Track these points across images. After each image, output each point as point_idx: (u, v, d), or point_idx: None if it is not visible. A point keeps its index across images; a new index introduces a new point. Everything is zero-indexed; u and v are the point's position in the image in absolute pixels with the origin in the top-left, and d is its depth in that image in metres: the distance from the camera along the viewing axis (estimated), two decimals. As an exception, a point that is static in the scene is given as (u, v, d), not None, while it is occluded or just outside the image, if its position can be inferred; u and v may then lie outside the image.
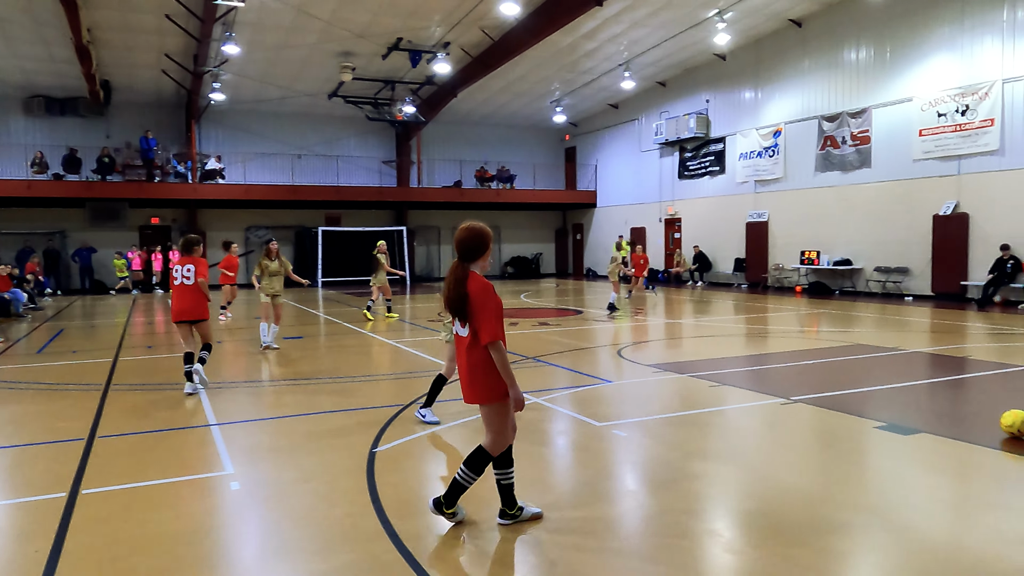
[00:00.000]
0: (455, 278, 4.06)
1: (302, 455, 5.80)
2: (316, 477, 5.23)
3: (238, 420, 7.00)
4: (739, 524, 4.40)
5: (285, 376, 9.57)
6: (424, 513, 4.59)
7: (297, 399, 8.01)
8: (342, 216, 31.35)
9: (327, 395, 8.11)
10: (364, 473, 5.25)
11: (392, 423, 6.70)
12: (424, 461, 5.76)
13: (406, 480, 5.25)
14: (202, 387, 8.40)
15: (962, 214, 18.38)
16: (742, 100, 25.11)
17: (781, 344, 11.83)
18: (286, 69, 25.21)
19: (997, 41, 17.49)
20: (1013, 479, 5.17)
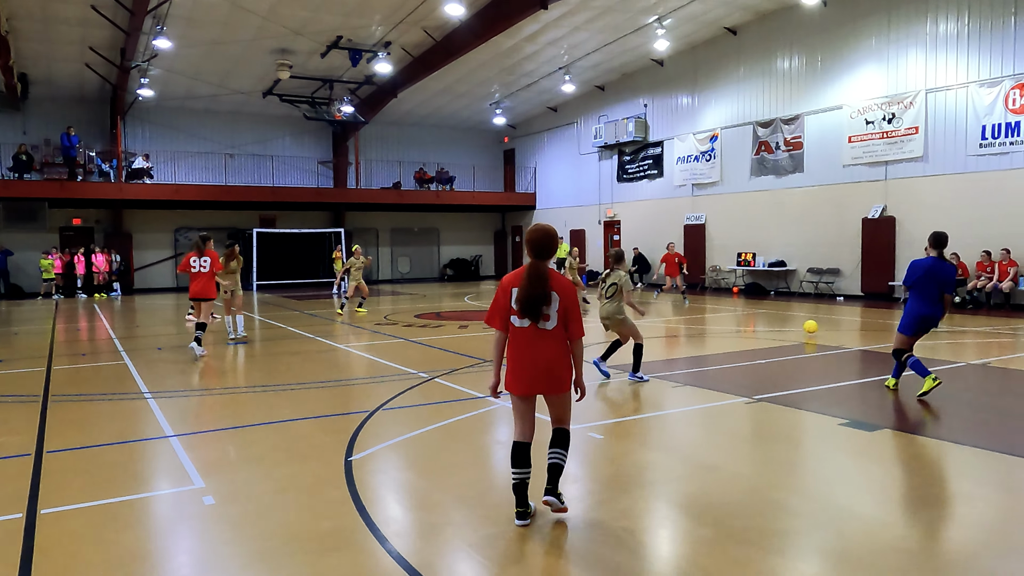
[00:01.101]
0: (538, 275, 4.16)
1: (273, 466, 5.58)
2: (293, 488, 5.03)
3: (197, 431, 6.69)
4: (714, 526, 4.43)
5: (238, 384, 9.22)
6: (414, 521, 4.47)
7: (255, 408, 7.73)
8: (277, 217, 30.55)
9: (286, 403, 7.85)
10: (344, 483, 5.08)
11: (362, 430, 6.52)
12: (402, 468, 5.62)
13: (389, 488, 5.11)
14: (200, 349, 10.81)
15: (889, 217, 19.23)
16: (679, 105, 25.65)
17: (732, 344, 12.10)
18: (220, 65, 24.40)
19: (921, 53, 18.38)
20: (967, 470, 5.39)
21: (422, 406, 7.60)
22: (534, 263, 4.25)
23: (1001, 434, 6.34)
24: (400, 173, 32.55)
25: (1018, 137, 16.54)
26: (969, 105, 17.44)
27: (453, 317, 16.71)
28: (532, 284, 4.16)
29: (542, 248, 4.26)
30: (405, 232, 34.08)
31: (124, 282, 26.91)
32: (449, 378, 9.02)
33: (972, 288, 16.96)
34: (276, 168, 30.18)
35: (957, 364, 9.67)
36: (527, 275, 4.19)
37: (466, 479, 5.27)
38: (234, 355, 11.49)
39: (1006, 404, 7.53)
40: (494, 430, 6.72)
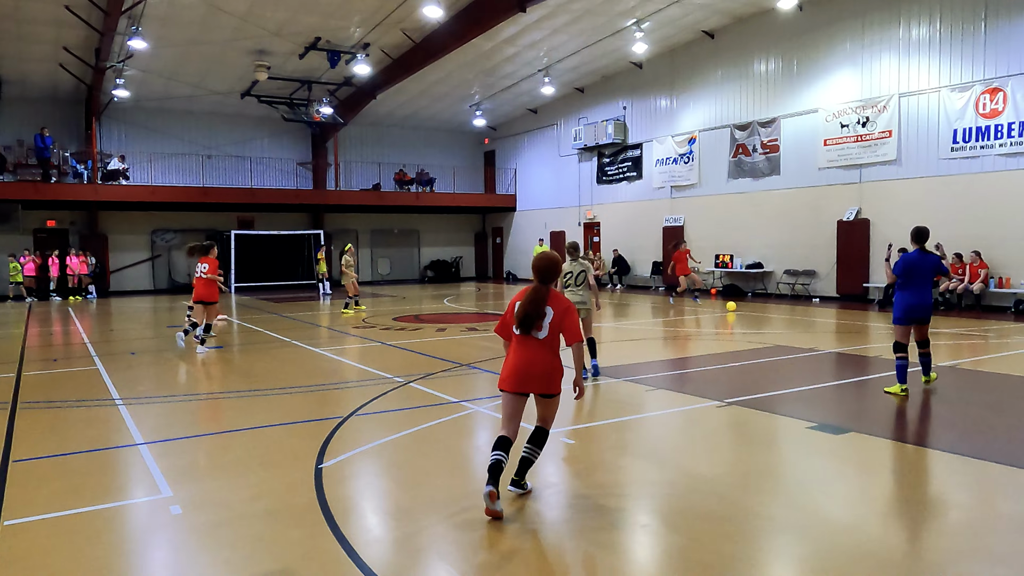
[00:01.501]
0: (538, 296, 4.84)
1: (244, 474, 5.56)
2: (263, 497, 5.01)
3: (168, 438, 6.64)
4: (684, 530, 4.48)
5: (212, 389, 9.16)
6: (383, 529, 4.47)
7: (229, 414, 7.68)
8: (255, 219, 30.35)
9: (259, 408, 7.81)
10: (314, 490, 5.07)
11: (335, 436, 6.51)
12: (374, 475, 5.61)
13: (359, 496, 5.10)
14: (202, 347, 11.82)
15: (864, 220, 19.47)
16: (658, 108, 25.80)
17: (706, 346, 12.20)
18: (197, 66, 24.20)
19: (894, 57, 18.63)
20: (934, 473, 5.48)
21: (396, 411, 7.60)
22: (536, 286, 4.89)
23: (968, 438, 6.45)
24: (380, 174, 32.46)
25: (988, 141, 16.82)
26: (941, 109, 17.70)
27: (432, 320, 16.69)
28: (529, 303, 4.82)
29: (545, 274, 4.90)
30: (385, 234, 33.98)
31: (100, 285, 26.60)
32: (425, 382, 9.02)
33: (944, 290, 17.21)
34: (254, 169, 29.98)
35: (926, 366, 9.80)
36: (528, 295, 4.86)
37: (438, 486, 5.28)
38: (208, 360, 11.41)
39: (974, 407, 7.65)
40: (468, 436, 6.73)
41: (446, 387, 8.70)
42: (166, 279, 29.12)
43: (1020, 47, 16.28)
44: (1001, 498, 4.97)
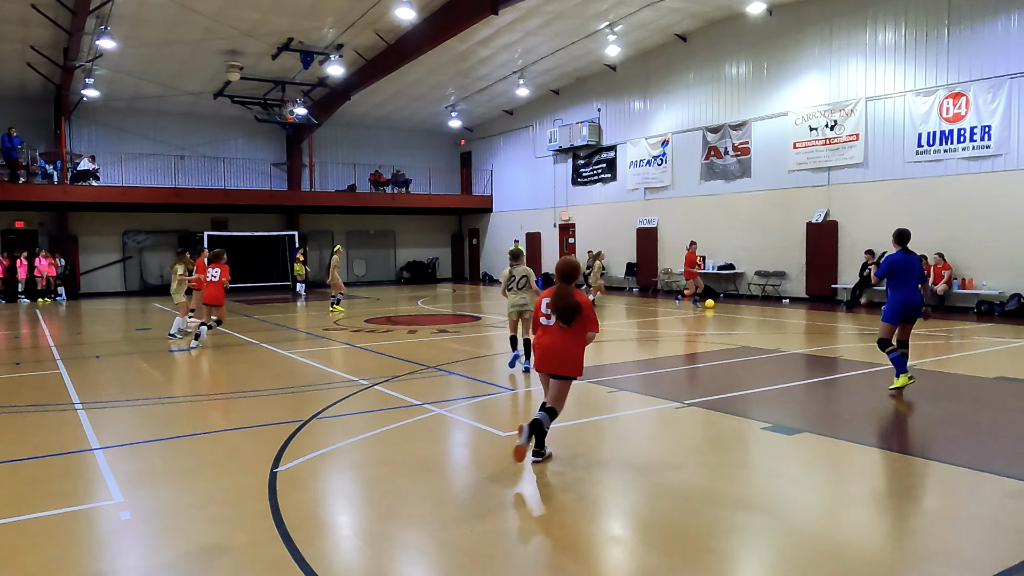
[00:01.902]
0: (566, 293, 5.80)
1: (197, 479, 5.55)
2: (214, 502, 5.02)
3: (124, 443, 6.61)
4: (639, 529, 4.56)
5: (174, 393, 9.11)
6: (331, 535, 4.50)
7: (189, 418, 7.65)
8: (229, 220, 30.12)
9: (220, 412, 7.79)
10: (266, 495, 5.08)
11: (292, 440, 6.51)
12: (328, 479, 5.63)
13: (310, 500, 5.12)
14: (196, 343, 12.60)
15: (832, 222, 19.74)
16: (632, 110, 25.97)
17: (673, 348, 12.32)
18: (168, 66, 23.99)
19: (861, 62, 18.91)
20: (885, 474, 5.60)
21: (358, 414, 7.61)
22: (561, 285, 5.88)
23: (921, 438, 6.59)
24: (355, 175, 32.34)
25: (951, 145, 17.14)
26: (906, 113, 18.00)
27: (404, 322, 16.69)
28: (559, 299, 5.80)
29: (568, 275, 5.94)
30: (361, 235, 33.86)
31: (70, 287, 26.28)
32: (389, 385, 9.03)
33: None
34: (228, 170, 29.75)
35: (884, 367, 9.98)
36: (556, 293, 5.85)
37: (393, 489, 5.31)
38: (174, 363, 11.33)
39: (932, 408, 7.81)
40: (428, 438, 6.76)
41: (411, 390, 8.73)
42: (138, 281, 28.81)
43: (982, 53, 16.61)
44: (952, 498, 5.09)
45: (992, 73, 16.41)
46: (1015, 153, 16.15)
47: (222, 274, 12.99)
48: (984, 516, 4.70)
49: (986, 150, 16.56)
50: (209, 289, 12.96)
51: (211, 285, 12.96)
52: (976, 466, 5.62)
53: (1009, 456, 5.96)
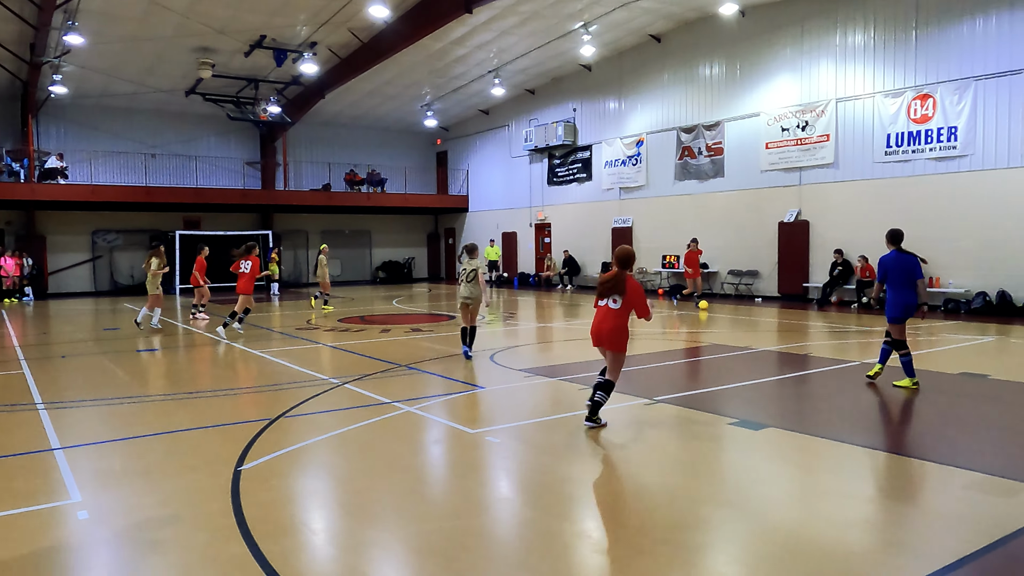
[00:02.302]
0: (620, 278, 6.63)
1: (160, 478, 5.47)
2: (175, 501, 4.95)
3: (86, 442, 6.50)
4: (607, 524, 4.57)
5: (140, 392, 8.97)
6: (294, 533, 4.45)
7: (153, 417, 7.54)
8: (202, 219, 29.77)
9: (186, 411, 7.69)
10: (228, 494, 5.02)
11: (258, 439, 6.44)
12: (292, 478, 5.58)
13: (273, 499, 5.06)
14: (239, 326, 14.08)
15: (803, 221, 19.97)
16: (607, 110, 26.08)
17: (645, 345, 12.37)
18: (138, 63, 23.66)
19: (832, 63, 19.15)
20: (850, 468, 5.67)
21: (326, 413, 7.55)
22: (619, 270, 6.71)
23: (879, 431, 6.68)
24: (330, 175, 32.14)
25: (919, 145, 17.41)
26: (875, 114, 18.26)
27: (377, 321, 16.60)
28: (612, 280, 6.64)
29: (625, 261, 6.76)
30: (336, 234, 33.58)
31: (37, 287, 25.82)
32: (360, 384, 8.98)
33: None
34: (200, 169, 29.43)
35: (850, 363, 10.12)
36: (613, 277, 6.67)
37: (359, 487, 5.28)
38: (142, 362, 11.17)
39: (895, 403, 7.92)
40: (396, 437, 6.72)
41: (381, 388, 8.68)
42: (108, 281, 28.38)
43: (948, 56, 16.89)
44: (915, 490, 5.16)
45: (958, 75, 16.70)
46: (980, 154, 16.45)
47: (253, 267, 14.10)
48: (946, 507, 4.77)
49: (952, 151, 16.84)
50: (241, 281, 14.08)
51: (243, 276, 14.10)
52: (939, 459, 5.71)
53: (970, 449, 6.05)
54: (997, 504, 4.71)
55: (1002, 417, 7.11)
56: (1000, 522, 4.38)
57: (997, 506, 4.68)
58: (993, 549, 4.02)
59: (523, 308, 20.21)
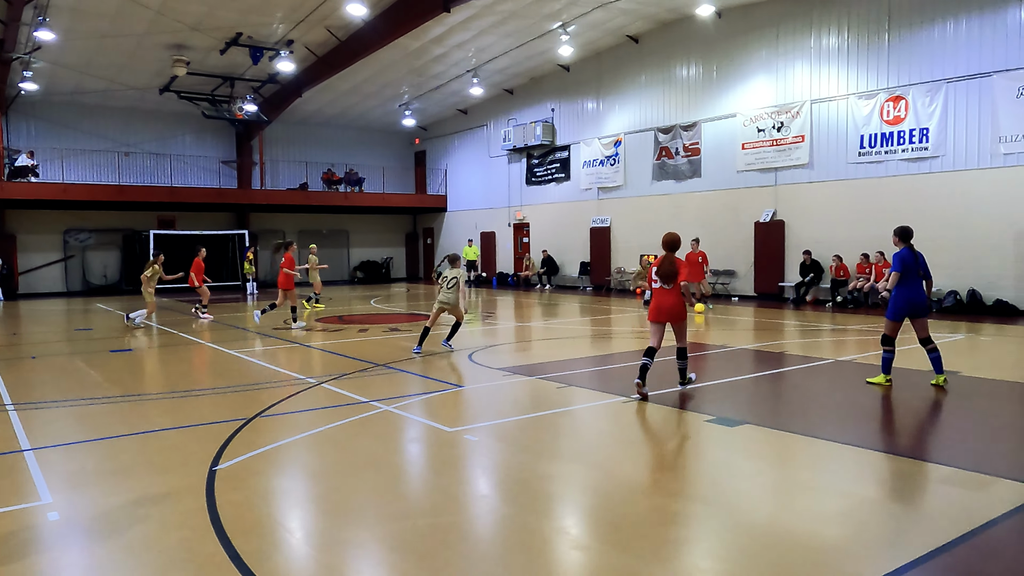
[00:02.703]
0: (671, 260, 7.85)
1: (133, 478, 5.40)
2: (149, 501, 4.88)
3: (58, 443, 6.39)
4: (585, 521, 4.59)
5: (113, 393, 8.84)
6: (270, 532, 4.42)
7: (126, 418, 7.43)
8: (177, 218, 29.42)
9: (161, 412, 7.60)
10: (203, 495, 4.96)
11: (234, 439, 6.38)
12: (268, 476, 5.52)
13: (249, 498, 5.01)
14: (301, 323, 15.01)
15: (779, 221, 20.18)
16: (585, 110, 26.16)
17: (624, 344, 12.43)
18: (111, 59, 23.32)
19: (807, 65, 19.37)
20: (825, 463, 5.73)
21: (303, 412, 7.50)
22: (668, 254, 7.88)
23: (852, 427, 6.76)
24: (307, 174, 31.91)
25: (892, 147, 17.67)
26: (849, 116, 18.50)
27: (355, 321, 16.51)
28: (666, 263, 7.83)
29: (671, 246, 7.93)
30: (313, 234, 33.24)
31: (7, 287, 25.34)
32: (337, 383, 8.92)
33: (852, 288, 17.97)
34: (175, 167, 29.07)
35: (824, 361, 10.24)
36: (663, 260, 7.85)
37: (335, 485, 5.24)
38: (115, 363, 11.01)
39: (868, 400, 8.02)
40: (374, 436, 6.69)
41: (359, 387, 8.63)
42: (80, 281, 27.95)
43: (920, 58, 17.16)
44: (883, 484, 5.23)
45: (930, 77, 16.97)
46: (951, 155, 16.73)
47: (285, 262, 14.96)
48: (919, 501, 4.84)
49: (924, 152, 17.12)
50: (280, 277, 15.12)
51: (280, 274, 15.14)
52: (912, 454, 5.79)
53: (943, 445, 6.15)
54: (969, 497, 4.79)
55: (972, 413, 7.24)
56: (972, 515, 4.46)
57: (969, 499, 4.76)
58: (965, 541, 4.08)
59: (502, 308, 20.21)
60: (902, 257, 8.15)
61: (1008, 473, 5.22)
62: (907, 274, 8.12)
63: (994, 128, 15.97)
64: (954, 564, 3.88)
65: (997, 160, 16.01)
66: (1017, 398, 8.02)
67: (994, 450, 6.03)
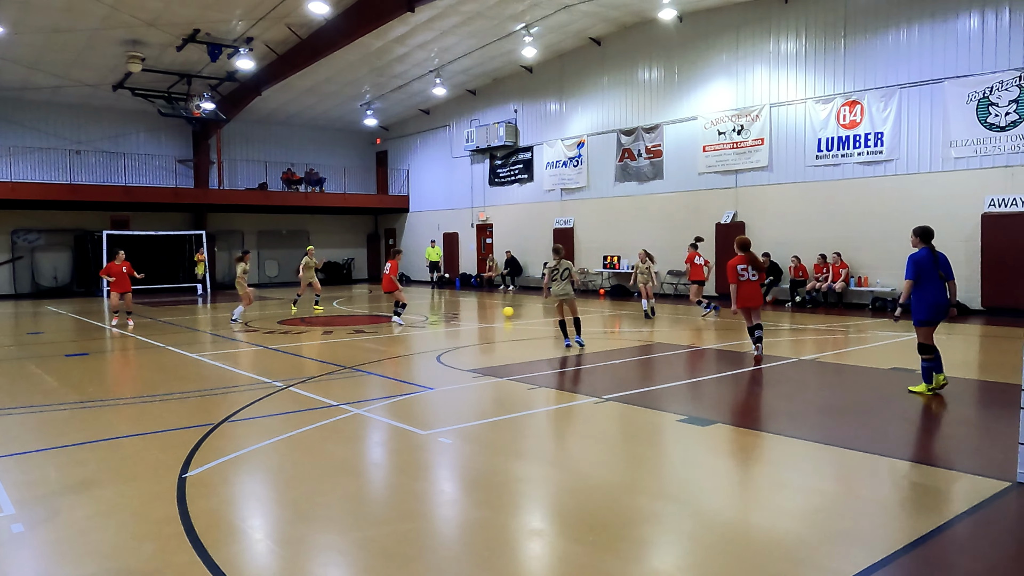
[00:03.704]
0: (752, 255, 10.35)
1: (99, 487, 5.24)
2: (118, 510, 4.75)
3: (16, 452, 6.17)
4: (559, 521, 4.59)
5: (71, 399, 8.58)
6: (244, 539, 4.33)
7: (86, 424, 7.22)
8: (131, 218, 28.69)
9: (124, 418, 7.40)
10: (175, 503, 4.84)
11: (203, 444, 6.24)
12: (239, 483, 5.42)
13: (220, 505, 4.91)
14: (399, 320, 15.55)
15: (739, 222, 20.51)
16: (548, 111, 26.25)
17: (592, 345, 12.49)
18: (62, 55, 22.63)
19: (766, 70, 19.73)
20: (796, 461, 5.84)
21: (272, 416, 7.37)
22: (745, 253, 10.30)
23: (820, 425, 6.90)
24: (267, 174, 31.40)
25: (848, 150, 18.10)
26: (807, 119, 18.90)
27: (319, 323, 16.30)
28: (753, 262, 10.28)
29: (744, 245, 10.39)
30: (273, 235, 32.90)
31: (-49, 289, 24.44)
32: (305, 386, 8.80)
33: (811, 288, 18.36)
34: (130, 166, 28.34)
35: (790, 360, 10.45)
36: (748, 259, 10.28)
37: (308, 491, 5.16)
38: (72, 367, 10.69)
39: (832, 397, 8.20)
40: (346, 439, 6.61)
41: (327, 391, 8.52)
42: (29, 283, 27.07)
43: (875, 64, 17.61)
44: (851, 481, 5.35)
45: (884, 83, 17.43)
46: (905, 158, 17.20)
47: (392, 268, 15.94)
48: (889, 496, 4.96)
49: (879, 155, 17.57)
50: (384, 280, 16.09)
51: (384, 277, 16.04)
52: (875, 450, 5.93)
53: (905, 440, 6.32)
54: (938, 493, 4.93)
55: (937, 409, 7.44)
56: (940, 509, 4.59)
57: (938, 494, 4.89)
58: (937, 535, 4.19)
59: (466, 309, 20.16)
60: (916, 260, 7.69)
61: (973, 469, 5.39)
62: (926, 276, 7.65)
63: (945, 133, 16.47)
64: (929, 558, 3.98)
65: (948, 164, 16.51)
66: (977, 395, 8.28)
67: (959, 446, 6.22)
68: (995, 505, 4.65)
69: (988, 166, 15.94)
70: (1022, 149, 15.41)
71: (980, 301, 16.08)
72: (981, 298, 16.07)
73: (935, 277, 7.68)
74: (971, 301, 16.25)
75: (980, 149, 15.98)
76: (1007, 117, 15.55)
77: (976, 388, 8.56)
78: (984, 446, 6.20)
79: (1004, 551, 4.16)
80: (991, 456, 5.70)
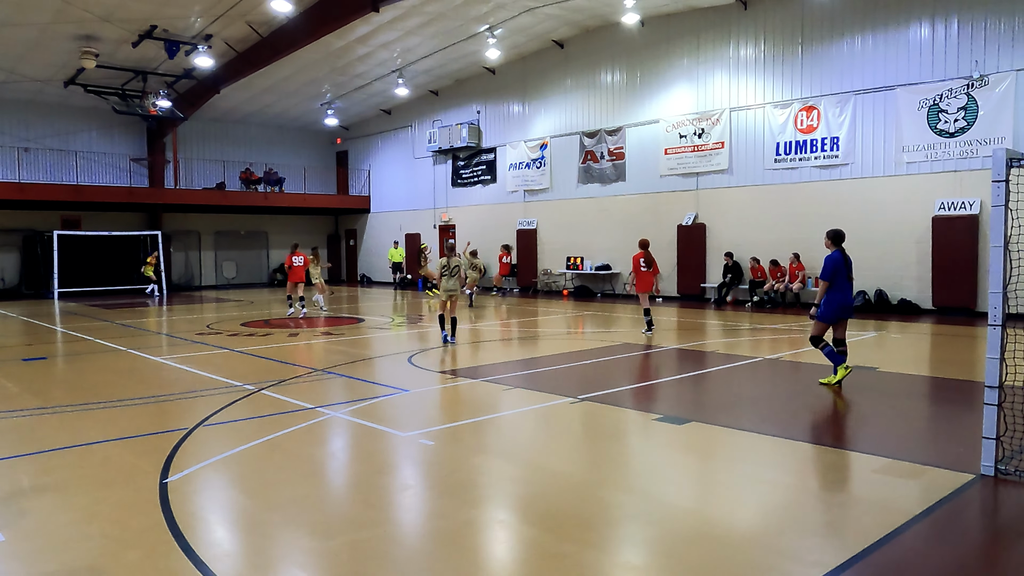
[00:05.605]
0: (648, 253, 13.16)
1: (75, 495, 5.13)
2: (99, 518, 4.66)
3: (-18, 460, 6.00)
4: (544, 522, 4.65)
5: (33, 405, 8.35)
6: (236, 543, 4.30)
7: (57, 430, 7.04)
8: (83, 218, 27.90)
9: (93, 424, 7.23)
10: (158, 508, 4.77)
11: (179, 450, 6.15)
12: (224, 487, 5.37)
13: (209, 509, 4.86)
14: None
15: (700, 224, 20.88)
16: (511, 113, 26.34)
17: (560, 345, 12.62)
18: (10, 49, 21.89)
19: (726, 74, 20.13)
20: (771, 458, 6.01)
21: (248, 420, 7.29)
22: (644, 251, 13.10)
23: (785, 422, 7.11)
24: (224, 173, 30.84)
25: (805, 154, 18.58)
26: (766, 124, 19.33)
27: (282, 325, 16.11)
28: (647, 258, 12.87)
29: (643, 245, 13.11)
30: (230, 235, 32.33)
31: None
32: (277, 389, 8.71)
33: (768, 289, 18.79)
34: (81, 165, 27.56)
35: (755, 359, 10.70)
36: (646, 256, 12.91)
37: (292, 496, 5.13)
38: (29, 372, 10.38)
39: (794, 395, 8.43)
40: (324, 442, 6.58)
41: (301, 393, 8.45)
42: (-25, 284, 26.17)
43: (831, 71, 18.11)
44: (824, 475, 5.53)
45: (840, 89, 17.93)
46: (859, 163, 17.73)
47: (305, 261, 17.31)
48: (861, 491, 5.14)
49: (835, 159, 18.08)
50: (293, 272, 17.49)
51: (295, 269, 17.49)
52: (845, 446, 6.14)
53: (875, 436, 6.54)
54: (906, 486, 5.13)
55: (897, 405, 7.72)
56: (911, 503, 4.78)
57: (906, 487, 5.09)
58: (909, 528, 4.37)
59: (430, 310, 20.10)
60: (834, 261, 8.20)
61: (938, 462, 5.62)
62: (839, 278, 8.21)
63: (898, 138, 17.03)
64: (904, 552, 4.15)
65: (900, 168, 17.08)
66: (932, 391, 8.60)
67: (922, 440, 6.46)
68: (963, 496, 4.86)
69: (938, 170, 16.54)
70: (970, 154, 16.03)
71: (931, 301, 16.66)
72: (932, 297, 16.64)
73: (845, 278, 8.26)
74: (923, 301, 16.83)
75: (931, 154, 16.57)
76: (956, 124, 16.15)
77: (932, 385, 8.88)
78: (943, 440, 6.47)
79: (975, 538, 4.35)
80: (952, 450, 5.95)
